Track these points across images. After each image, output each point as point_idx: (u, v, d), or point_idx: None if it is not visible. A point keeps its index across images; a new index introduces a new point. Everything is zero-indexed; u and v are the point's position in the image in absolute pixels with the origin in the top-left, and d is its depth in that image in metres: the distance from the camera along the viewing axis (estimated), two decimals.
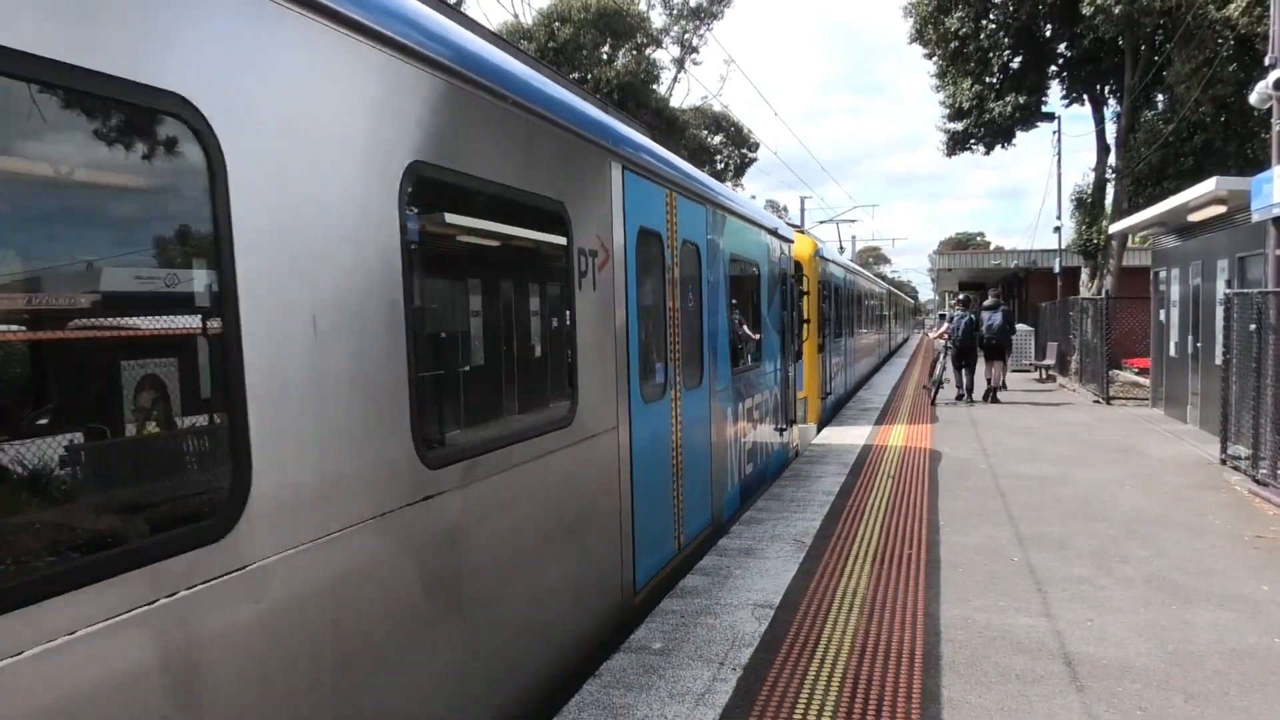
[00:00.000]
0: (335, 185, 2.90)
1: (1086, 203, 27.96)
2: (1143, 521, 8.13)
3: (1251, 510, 8.52)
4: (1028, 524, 8.08)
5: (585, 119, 5.08)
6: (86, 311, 2.48)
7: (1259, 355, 9.45)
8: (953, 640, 5.30)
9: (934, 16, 26.74)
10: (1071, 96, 28.65)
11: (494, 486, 3.89)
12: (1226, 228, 12.83)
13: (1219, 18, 19.79)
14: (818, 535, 7.68)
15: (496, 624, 3.91)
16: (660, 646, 5.20)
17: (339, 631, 2.85)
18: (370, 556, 3.02)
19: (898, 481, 10.04)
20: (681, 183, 6.87)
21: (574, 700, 4.49)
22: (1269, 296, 9.39)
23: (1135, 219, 17.34)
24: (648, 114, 31.88)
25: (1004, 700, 4.50)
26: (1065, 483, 9.95)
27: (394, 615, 3.15)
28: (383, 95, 3.16)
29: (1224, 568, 6.71)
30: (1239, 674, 4.80)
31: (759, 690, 4.63)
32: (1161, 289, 16.45)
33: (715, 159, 42.47)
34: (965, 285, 49.48)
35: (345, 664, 2.88)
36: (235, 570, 2.43)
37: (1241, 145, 22.45)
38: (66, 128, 2.22)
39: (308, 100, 2.77)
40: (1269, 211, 10.16)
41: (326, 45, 2.86)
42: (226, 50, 2.44)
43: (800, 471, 10.74)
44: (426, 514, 3.33)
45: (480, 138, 3.88)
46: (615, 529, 5.44)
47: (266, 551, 2.53)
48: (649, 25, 34.87)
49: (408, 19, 3.36)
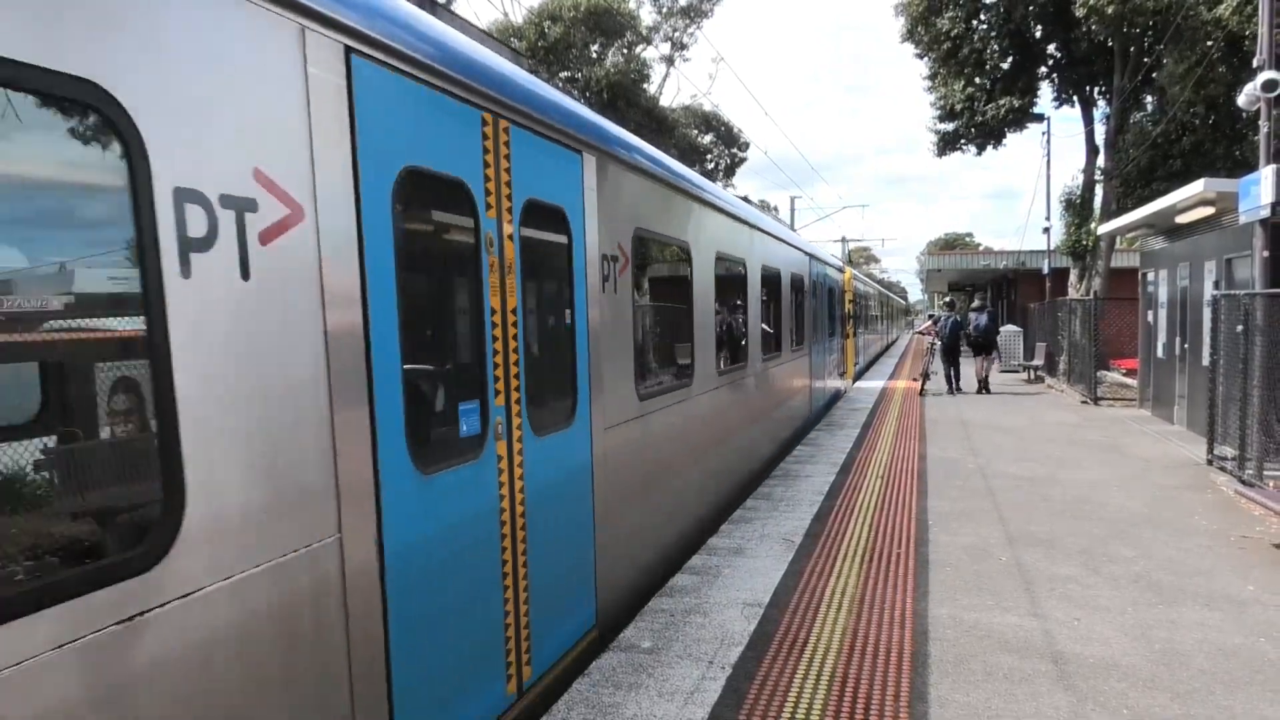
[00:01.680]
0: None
1: (1075, 204, 28.05)
2: (1130, 521, 8.17)
3: (1237, 511, 8.57)
4: (1016, 523, 8.11)
5: (800, 252, 8.09)
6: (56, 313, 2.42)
7: (1245, 357, 9.51)
8: (941, 639, 5.32)
9: (925, 17, 26.80)
10: (1061, 98, 28.74)
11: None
12: (1214, 229, 12.89)
13: (1210, 18, 19.89)
14: (807, 534, 7.69)
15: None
16: (649, 645, 5.20)
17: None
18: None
19: (886, 481, 10.06)
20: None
21: (563, 699, 4.49)
22: (1256, 298, 9.45)
23: (1124, 220, 17.41)
24: (638, 113, 31.87)
25: (991, 699, 4.51)
26: (1053, 483, 9.99)
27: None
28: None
29: (1210, 568, 6.75)
30: (1224, 673, 4.83)
31: (748, 689, 4.63)
32: (1149, 290, 16.53)
33: (706, 158, 42.45)
34: (954, 286, 49.67)
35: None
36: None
37: (1230, 147, 22.58)
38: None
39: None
40: (1256, 213, 10.21)
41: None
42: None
43: (790, 471, 10.75)
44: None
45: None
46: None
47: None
48: (639, 24, 34.83)
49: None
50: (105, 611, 2.23)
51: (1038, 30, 26.45)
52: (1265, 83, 10.46)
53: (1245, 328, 9.50)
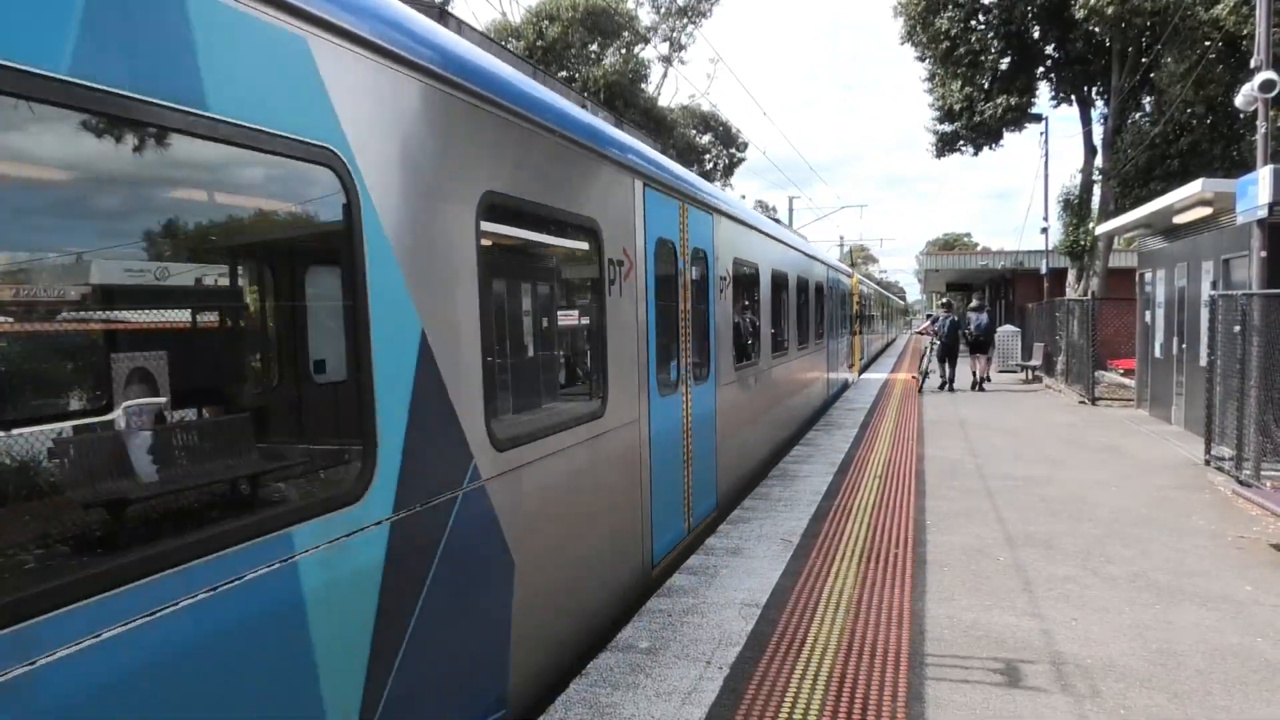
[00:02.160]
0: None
1: (1073, 204, 28.10)
2: (1127, 521, 8.17)
3: (1235, 511, 8.58)
4: (1014, 523, 8.12)
5: (844, 275, 9.84)
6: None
7: (1243, 357, 9.51)
8: (939, 639, 5.32)
9: (924, 17, 26.82)
10: (1059, 98, 28.78)
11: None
12: (1212, 229, 12.90)
13: (1207, 18, 19.92)
14: (805, 534, 7.69)
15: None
16: (647, 645, 5.19)
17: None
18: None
19: (884, 481, 10.06)
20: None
21: (560, 699, 4.48)
22: (1253, 298, 9.45)
23: (1121, 220, 17.43)
24: (636, 113, 31.85)
25: (989, 699, 4.51)
26: (1051, 483, 10.00)
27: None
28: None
29: (1207, 568, 6.75)
30: (1221, 673, 4.83)
31: (745, 689, 4.63)
32: (1147, 290, 16.55)
33: (704, 158, 42.43)
34: (952, 286, 49.63)
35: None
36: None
37: (1227, 148, 22.62)
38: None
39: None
40: (1253, 214, 10.22)
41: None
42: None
43: (788, 471, 10.76)
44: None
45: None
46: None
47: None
48: (637, 23, 34.82)
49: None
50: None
51: (1036, 30, 26.49)
52: (1263, 83, 10.46)
53: (1242, 328, 9.51)
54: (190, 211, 3.24)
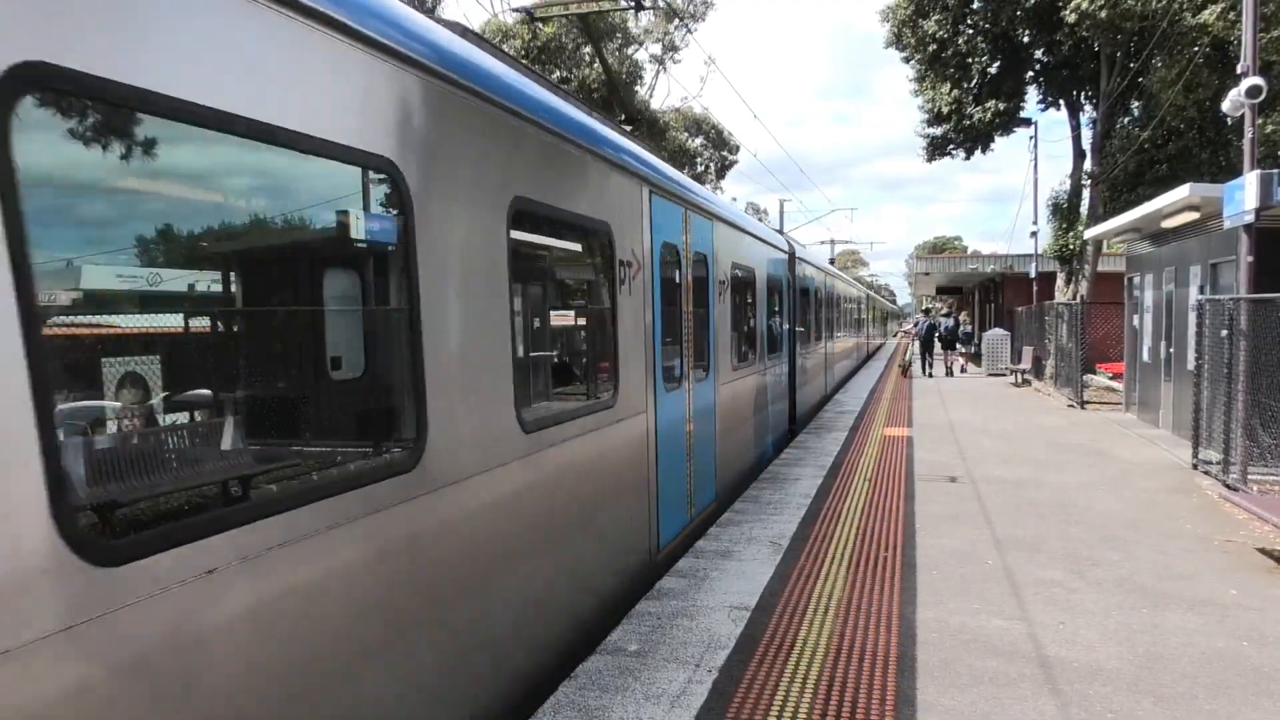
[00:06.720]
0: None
1: (1063, 208, 28.21)
2: (1115, 525, 8.20)
3: (1222, 514, 8.62)
4: (1002, 527, 8.14)
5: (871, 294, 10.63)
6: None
7: (1230, 361, 9.57)
8: (927, 642, 5.32)
9: (911, 20, 26.88)
10: (1048, 101, 28.90)
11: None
12: (1200, 234, 12.98)
13: (1195, 23, 20.04)
14: (794, 537, 7.70)
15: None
16: (636, 648, 5.19)
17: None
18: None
19: (874, 485, 10.08)
20: (876, 292, 15.56)
21: (549, 702, 4.47)
22: (1240, 303, 9.51)
23: (1110, 225, 17.51)
24: (641, 120, 31.82)
25: (976, 702, 4.52)
26: (1040, 486, 10.03)
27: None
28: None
29: (1194, 572, 6.78)
30: (1208, 677, 4.85)
31: (734, 692, 4.63)
32: (1135, 295, 16.64)
33: (695, 162, 42.44)
34: (942, 289, 49.82)
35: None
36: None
37: (1215, 153, 22.76)
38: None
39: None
40: (1241, 218, 10.27)
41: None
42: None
43: (777, 474, 10.76)
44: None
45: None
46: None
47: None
48: (629, 25, 34.79)
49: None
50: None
51: (1024, 35, 26.58)
52: (1249, 89, 10.50)
53: (1230, 332, 9.57)
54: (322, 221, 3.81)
